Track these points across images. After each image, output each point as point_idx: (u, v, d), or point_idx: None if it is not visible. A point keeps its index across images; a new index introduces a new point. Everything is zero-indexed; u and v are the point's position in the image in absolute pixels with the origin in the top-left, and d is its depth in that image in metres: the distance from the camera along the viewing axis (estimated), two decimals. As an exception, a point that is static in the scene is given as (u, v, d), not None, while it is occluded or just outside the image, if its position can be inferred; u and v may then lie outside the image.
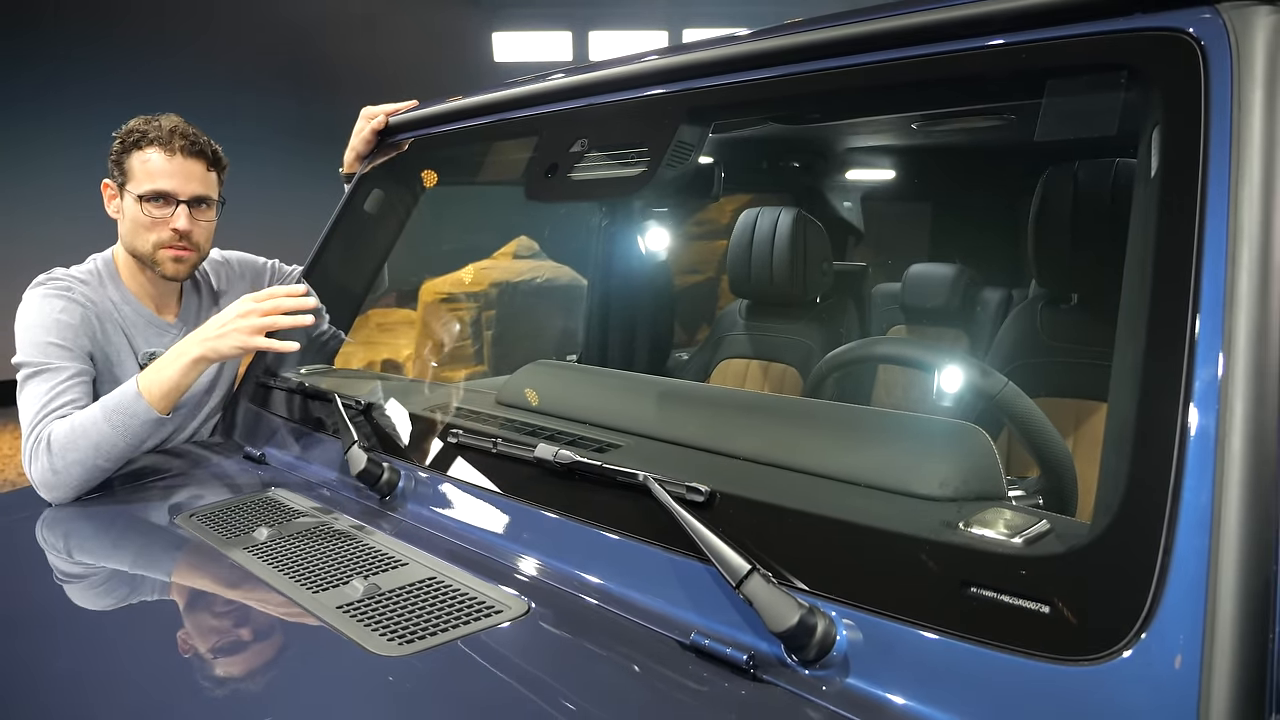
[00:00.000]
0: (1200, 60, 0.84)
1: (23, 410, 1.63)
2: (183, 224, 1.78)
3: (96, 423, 1.55)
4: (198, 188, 1.80)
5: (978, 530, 0.84)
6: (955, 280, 2.84)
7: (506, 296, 6.10)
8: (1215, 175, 0.81)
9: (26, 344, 1.68)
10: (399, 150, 2.02)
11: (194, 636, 1.07)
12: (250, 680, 0.96)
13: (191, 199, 1.79)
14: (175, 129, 1.78)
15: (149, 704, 0.92)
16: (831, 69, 1.18)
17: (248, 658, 1.01)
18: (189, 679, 0.96)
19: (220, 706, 0.91)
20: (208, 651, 1.02)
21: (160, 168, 1.76)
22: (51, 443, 1.53)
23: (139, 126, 1.79)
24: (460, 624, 1.01)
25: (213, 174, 1.84)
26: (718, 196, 2.02)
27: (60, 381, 1.64)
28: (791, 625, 0.85)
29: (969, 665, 0.78)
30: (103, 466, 1.55)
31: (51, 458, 1.52)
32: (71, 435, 1.54)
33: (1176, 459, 0.74)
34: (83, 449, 1.53)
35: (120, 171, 1.79)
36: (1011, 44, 1.01)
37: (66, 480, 1.53)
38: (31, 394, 1.63)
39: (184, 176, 1.78)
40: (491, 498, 1.28)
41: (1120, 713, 0.69)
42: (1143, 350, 0.80)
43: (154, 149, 1.76)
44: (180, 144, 1.77)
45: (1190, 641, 0.68)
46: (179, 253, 1.81)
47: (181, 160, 1.78)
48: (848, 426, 1.18)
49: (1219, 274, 0.77)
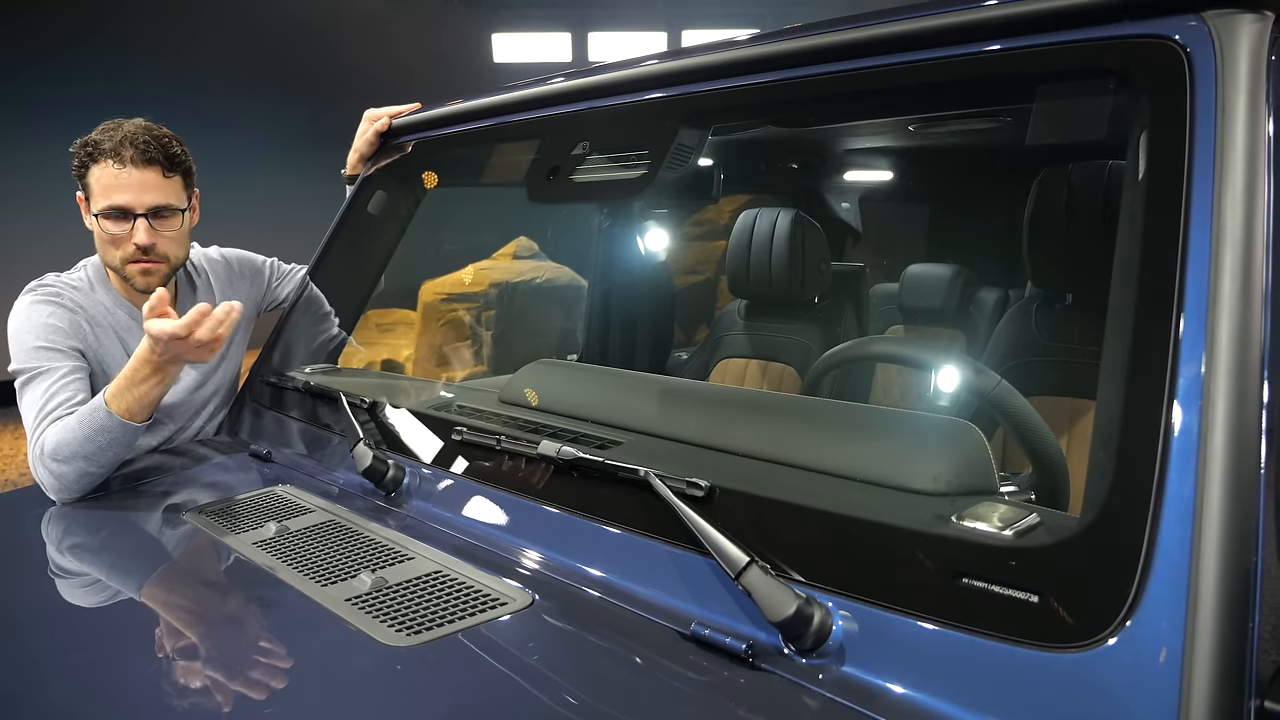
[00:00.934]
0: (1186, 66, 0.87)
1: (24, 417, 1.64)
2: (142, 238, 1.70)
3: (76, 433, 1.54)
4: (154, 198, 1.70)
5: (970, 523, 0.87)
6: (952, 280, 2.86)
7: (506, 297, 6.12)
8: (1199, 179, 0.83)
9: (18, 351, 1.67)
10: (402, 152, 2.05)
11: (203, 629, 1.10)
12: (261, 671, 0.98)
13: (149, 210, 1.70)
14: (125, 137, 1.68)
15: (160, 696, 0.94)
16: (828, 74, 1.20)
17: (258, 649, 1.03)
18: (199, 671, 0.99)
19: (232, 697, 0.93)
20: (217, 643, 1.05)
21: (112, 182, 1.67)
22: (46, 449, 1.55)
23: (94, 137, 1.70)
24: (466, 615, 1.04)
25: (174, 178, 1.74)
26: (717, 198, 2.04)
27: (53, 383, 1.64)
28: (789, 615, 0.87)
29: (961, 653, 0.80)
30: (94, 472, 1.56)
31: (48, 462, 1.55)
32: (59, 444, 1.54)
33: (1161, 453, 0.76)
34: (73, 456, 1.54)
35: (83, 187, 1.72)
36: (1004, 50, 1.03)
37: (66, 484, 1.55)
38: (29, 400, 1.64)
39: (138, 188, 1.68)
40: (495, 493, 1.30)
41: (1106, 697, 0.72)
42: (1129, 348, 0.83)
43: (106, 162, 1.67)
44: (130, 154, 1.67)
45: (1173, 628, 0.71)
46: (146, 265, 1.74)
47: (133, 171, 1.67)
48: (844, 423, 1.20)
49: (1203, 274, 0.80)
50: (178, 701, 0.92)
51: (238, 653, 1.02)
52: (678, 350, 3.24)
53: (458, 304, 6.32)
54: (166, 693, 0.94)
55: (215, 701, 0.92)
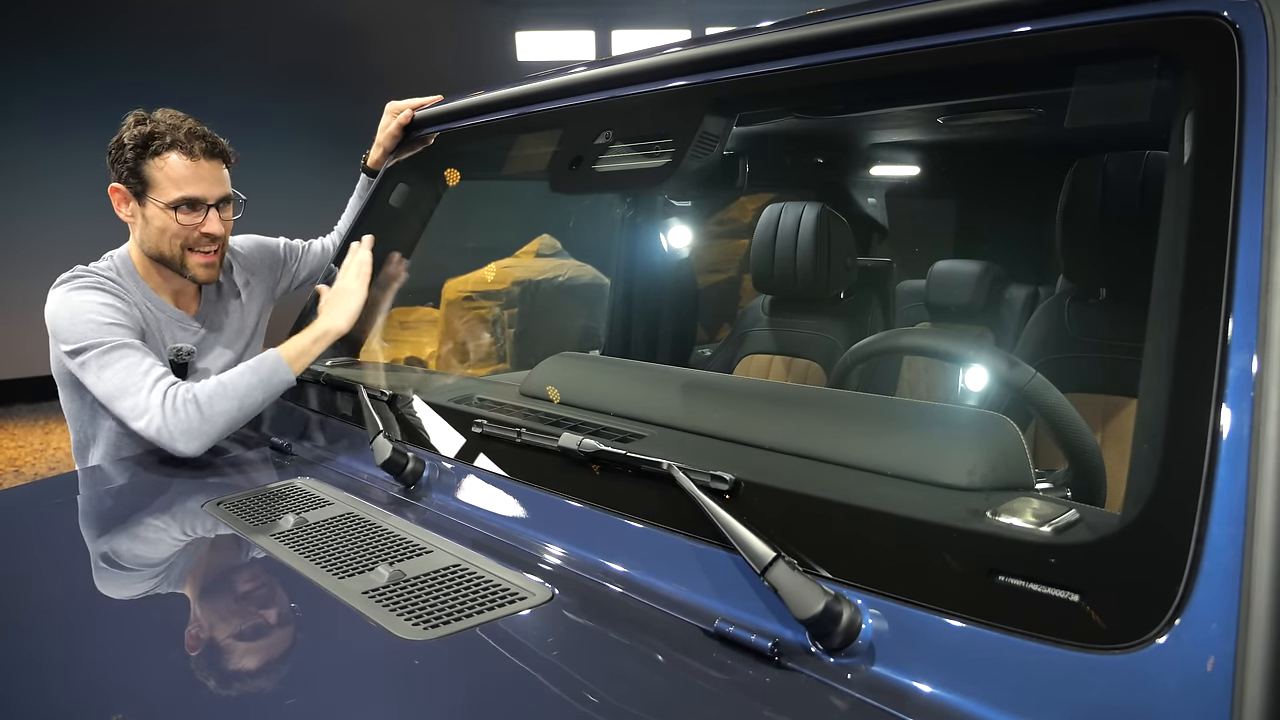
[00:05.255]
0: (1235, 44, 0.83)
1: (122, 379, 1.62)
2: (216, 228, 1.80)
3: (247, 380, 1.65)
4: (222, 190, 1.81)
5: (1006, 519, 0.84)
6: (981, 277, 2.81)
7: (529, 295, 6.12)
8: (1250, 163, 0.79)
9: (81, 331, 1.66)
10: (425, 144, 2.03)
11: (222, 620, 1.08)
12: (277, 663, 0.97)
13: (218, 200, 1.80)
14: (191, 131, 1.76)
15: (177, 685, 0.93)
16: (856, 58, 1.17)
17: (275, 641, 1.02)
18: (217, 661, 0.97)
19: (248, 688, 0.92)
20: (235, 634, 1.03)
21: (186, 174, 1.75)
22: (199, 397, 1.62)
23: (150, 131, 1.74)
24: (484, 610, 1.02)
25: (227, 171, 1.84)
26: (742, 187, 2.01)
27: (146, 354, 1.67)
28: (816, 612, 0.84)
29: (996, 653, 0.77)
30: (239, 421, 1.66)
31: (201, 408, 1.61)
32: (220, 390, 1.63)
33: (1210, 448, 0.72)
34: (230, 400, 1.63)
35: (137, 179, 1.75)
36: (1040, 30, 0.99)
37: (211, 429, 1.62)
38: (124, 364, 1.64)
39: (211, 180, 1.78)
40: (515, 487, 1.28)
41: (1152, 701, 0.68)
42: (1176, 340, 0.79)
43: (174, 154, 1.74)
44: (200, 146, 1.76)
45: (1224, 630, 0.67)
46: (209, 258, 1.83)
47: (204, 163, 1.77)
48: (874, 416, 1.17)
49: (1254, 261, 0.76)
50: (192, 692, 0.91)
51: (253, 645, 1.00)
52: (700, 347, 3.21)
53: (481, 301, 6.33)
54: (181, 683, 0.93)
55: (230, 693, 0.91)
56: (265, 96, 8.74)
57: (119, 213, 1.82)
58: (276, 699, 0.90)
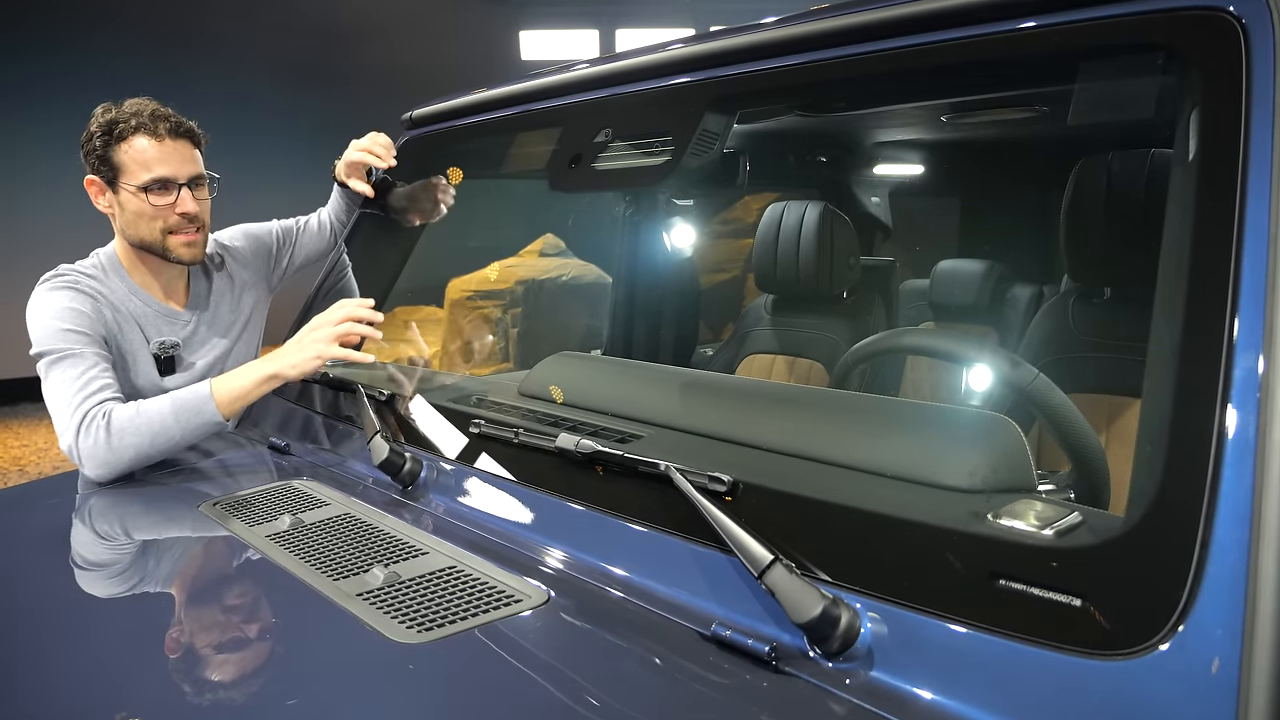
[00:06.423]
0: (1241, 40, 0.81)
1: (57, 393, 1.62)
2: (190, 206, 1.77)
3: (162, 413, 1.59)
4: (192, 168, 1.79)
5: (1007, 522, 0.82)
6: (985, 276, 2.79)
7: (532, 294, 6.12)
8: (1257, 160, 0.78)
9: (44, 334, 1.67)
10: (424, 145, 2.02)
11: (215, 623, 1.07)
12: (269, 666, 0.96)
13: (190, 179, 1.78)
14: (155, 113, 1.75)
15: (167, 687, 0.92)
16: (859, 55, 1.16)
17: (268, 644, 1.01)
18: (210, 663, 0.96)
19: (241, 691, 0.91)
20: (228, 637, 1.02)
21: (153, 155, 1.74)
22: (111, 422, 1.56)
23: (114, 117, 1.74)
24: (480, 612, 1.00)
25: (197, 151, 1.82)
26: (743, 186, 1.99)
27: (89, 367, 1.64)
28: (814, 616, 0.83)
29: (997, 658, 0.76)
30: (152, 455, 1.59)
31: (109, 436, 1.56)
32: (134, 420, 1.57)
33: (1215, 449, 0.71)
34: (141, 434, 1.57)
35: (107, 166, 1.75)
36: (1044, 26, 0.98)
37: (118, 460, 1.56)
38: (63, 378, 1.63)
39: (178, 159, 1.76)
40: (512, 488, 1.27)
41: (1155, 707, 0.67)
42: (1181, 340, 0.78)
43: (140, 137, 1.73)
44: (165, 126, 1.74)
45: (1229, 635, 0.66)
46: (189, 237, 1.80)
47: (171, 143, 1.75)
48: (874, 417, 1.16)
49: (1260, 260, 0.75)
50: (185, 694, 0.90)
51: (245, 648, 1.00)
52: (703, 347, 3.20)
53: (484, 301, 6.32)
54: (173, 684, 0.92)
55: (222, 696, 0.90)
56: (267, 95, 8.75)
57: (97, 205, 1.81)
58: (267, 703, 0.89)
